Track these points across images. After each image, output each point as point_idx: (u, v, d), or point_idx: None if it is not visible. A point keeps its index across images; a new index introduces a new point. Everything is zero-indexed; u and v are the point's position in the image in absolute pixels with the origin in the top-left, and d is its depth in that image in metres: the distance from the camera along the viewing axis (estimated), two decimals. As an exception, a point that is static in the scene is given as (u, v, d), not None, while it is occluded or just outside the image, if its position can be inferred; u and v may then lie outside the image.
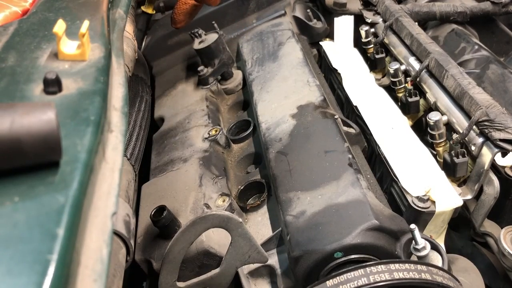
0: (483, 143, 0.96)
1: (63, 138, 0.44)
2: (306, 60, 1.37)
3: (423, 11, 1.46)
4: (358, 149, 1.15)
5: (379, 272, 0.71)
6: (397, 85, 1.29)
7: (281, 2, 1.71)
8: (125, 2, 0.96)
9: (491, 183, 0.97)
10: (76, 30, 0.59)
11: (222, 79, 1.53)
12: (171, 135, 1.36)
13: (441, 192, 0.98)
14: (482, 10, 1.46)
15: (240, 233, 0.84)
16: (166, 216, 0.98)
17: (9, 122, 0.40)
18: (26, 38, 0.65)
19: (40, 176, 0.43)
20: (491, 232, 1.00)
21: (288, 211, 0.91)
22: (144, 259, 1.01)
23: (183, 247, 0.84)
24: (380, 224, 0.83)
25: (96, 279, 0.41)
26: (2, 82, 0.56)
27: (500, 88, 1.20)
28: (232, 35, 1.69)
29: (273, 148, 1.08)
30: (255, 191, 1.14)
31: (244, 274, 0.92)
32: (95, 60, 0.59)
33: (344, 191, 0.90)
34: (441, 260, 0.82)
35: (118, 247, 0.84)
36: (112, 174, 0.52)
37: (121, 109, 0.62)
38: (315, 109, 1.15)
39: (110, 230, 0.46)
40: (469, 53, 1.33)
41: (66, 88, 0.54)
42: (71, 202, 0.41)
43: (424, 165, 1.05)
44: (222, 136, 1.25)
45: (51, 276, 0.35)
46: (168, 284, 0.87)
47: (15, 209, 0.40)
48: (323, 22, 1.66)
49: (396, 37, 1.38)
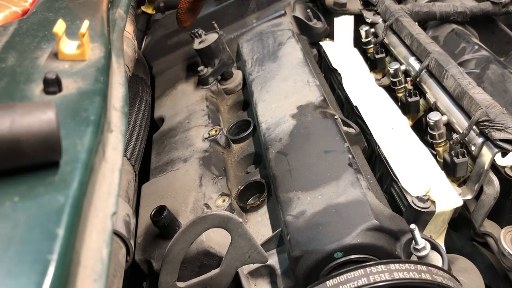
0: (483, 143, 0.96)
1: (63, 138, 0.44)
2: (306, 60, 1.37)
3: (423, 11, 1.46)
4: (358, 149, 1.15)
5: (379, 272, 0.71)
6: (397, 85, 1.29)
7: (281, 2, 1.71)
8: (125, 2, 0.96)
9: (491, 183, 0.97)
10: (76, 30, 0.59)
11: (222, 79, 1.53)
12: (171, 135, 1.36)
13: (441, 192, 0.98)
14: (482, 10, 1.46)
15: (240, 233, 0.84)
16: (166, 216, 0.98)
17: (9, 122, 0.40)
18: (26, 38, 0.65)
19: (40, 176, 0.43)
20: (491, 232, 1.00)
21: (288, 211, 0.91)
22: (144, 259, 1.01)
23: (183, 247, 0.84)
24: (380, 224, 0.83)
25: (96, 279, 0.41)
26: (2, 82, 0.56)
27: (500, 88, 1.20)
28: (232, 35, 1.69)
29: (273, 148, 1.08)
30: (255, 191, 1.14)
31: (244, 274, 0.92)
32: (95, 60, 0.59)
33: (344, 191, 0.90)
34: (441, 260, 0.82)
35: (118, 247, 0.84)
36: (112, 174, 0.52)
37: (121, 109, 0.62)
38: (315, 109, 1.15)
39: (110, 230, 0.46)
40: (469, 53, 1.33)
41: (66, 88, 0.54)
42: (71, 202, 0.41)
43: (424, 165, 1.05)
44: (222, 136, 1.25)
45: (51, 276, 0.35)
46: (168, 284, 0.87)
47: (15, 209, 0.40)
48: (323, 22, 1.66)
49: (396, 37, 1.38)
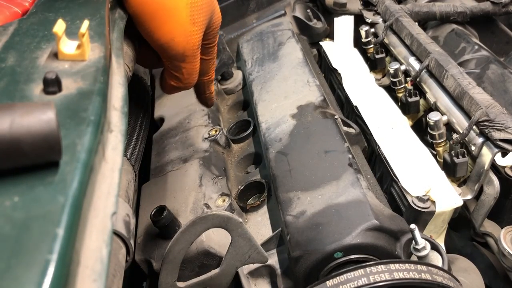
0: (483, 143, 0.96)
1: (63, 138, 0.44)
2: (306, 60, 1.37)
3: (423, 11, 1.46)
4: (358, 149, 1.15)
5: (379, 272, 0.71)
6: (397, 85, 1.29)
7: (281, 2, 1.71)
8: (125, 2, 0.96)
9: (491, 183, 0.97)
10: (76, 30, 0.59)
11: (222, 79, 1.53)
12: (171, 135, 1.36)
13: (441, 192, 0.98)
14: (482, 10, 1.46)
15: (240, 233, 0.84)
16: (166, 216, 0.97)
17: (8, 122, 0.40)
18: (26, 38, 0.65)
19: (40, 176, 0.43)
20: (491, 232, 1.00)
21: (288, 211, 0.91)
22: (144, 259, 1.01)
23: (183, 247, 0.84)
24: (380, 224, 0.83)
25: (96, 279, 0.41)
26: (2, 82, 0.56)
27: (500, 88, 1.20)
28: (232, 35, 1.69)
29: (273, 148, 1.08)
30: (255, 191, 1.14)
31: (244, 274, 0.92)
32: (95, 60, 0.59)
33: (344, 191, 0.90)
34: (441, 260, 0.82)
35: (118, 247, 0.84)
36: (112, 174, 0.52)
37: (121, 109, 0.61)
38: (315, 109, 1.15)
39: (110, 230, 0.46)
40: (469, 53, 1.33)
41: (66, 88, 0.54)
42: (70, 202, 0.41)
43: (424, 165, 1.05)
44: (222, 136, 1.25)
45: (50, 276, 0.35)
46: (168, 284, 0.87)
47: (14, 208, 0.40)
48: (323, 22, 1.66)
49: (396, 37, 1.38)
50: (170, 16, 0.83)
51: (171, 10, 0.82)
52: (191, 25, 0.85)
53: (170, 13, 0.83)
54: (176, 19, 0.83)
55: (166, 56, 0.88)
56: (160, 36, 0.84)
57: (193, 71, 0.93)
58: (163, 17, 0.82)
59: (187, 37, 0.85)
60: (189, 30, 0.85)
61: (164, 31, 0.83)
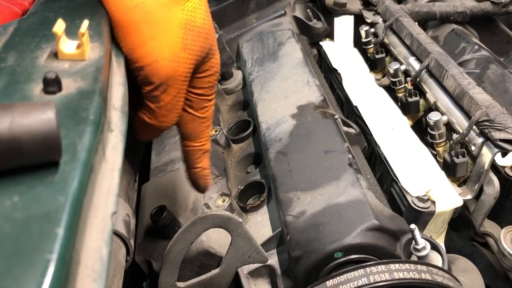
0: (483, 143, 0.96)
1: (63, 138, 0.44)
2: (306, 60, 1.37)
3: (423, 11, 1.46)
4: (358, 149, 1.15)
5: (379, 272, 0.71)
6: (397, 85, 1.29)
7: (281, 2, 1.71)
8: (125, 2, 0.96)
9: (491, 183, 0.97)
10: (76, 29, 0.59)
11: (222, 79, 1.53)
12: (171, 135, 1.35)
13: (441, 192, 0.98)
14: (482, 10, 1.45)
15: (240, 233, 0.84)
16: (166, 216, 0.98)
17: (8, 122, 0.40)
18: (25, 38, 0.65)
19: (40, 176, 0.43)
20: (491, 232, 1.00)
21: (288, 211, 0.91)
22: (144, 259, 1.01)
23: (183, 247, 0.84)
24: (380, 224, 0.83)
25: (96, 279, 0.41)
26: (2, 82, 0.55)
27: (500, 88, 1.20)
28: (232, 35, 1.69)
29: (273, 148, 1.08)
30: (255, 191, 1.14)
31: (244, 274, 0.92)
32: (95, 60, 0.59)
33: (344, 191, 0.90)
34: (441, 260, 0.82)
35: (118, 247, 0.84)
36: (112, 174, 0.52)
37: (121, 108, 0.61)
38: (315, 109, 1.15)
39: (110, 230, 0.46)
40: (469, 53, 1.33)
41: (66, 88, 0.53)
42: (71, 201, 0.41)
43: (424, 165, 1.05)
44: (222, 136, 1.25)
45: (50, 275, 0.35)
46: (168, 284, 0.87)
47: (14, 208, 0.40)
48: (323, 22, 1.66)
49: (396, 37, 1.38)
50: (158, 33, 0.67)
51: (160, 26, 0.67)
52: (181, 50, 0.69)
53: (159, 29, 0.67)
54: (165, 37, 0.67)
55: (145, 81, 0.69)
56: (142, 55, 0.67)
57: (173, 107, 0.73)
58: (149, 32, 0.66)
59: (174, 63, 0.68)
60: (178, 55, 0.69)
61: (147, 49, 0.66)
